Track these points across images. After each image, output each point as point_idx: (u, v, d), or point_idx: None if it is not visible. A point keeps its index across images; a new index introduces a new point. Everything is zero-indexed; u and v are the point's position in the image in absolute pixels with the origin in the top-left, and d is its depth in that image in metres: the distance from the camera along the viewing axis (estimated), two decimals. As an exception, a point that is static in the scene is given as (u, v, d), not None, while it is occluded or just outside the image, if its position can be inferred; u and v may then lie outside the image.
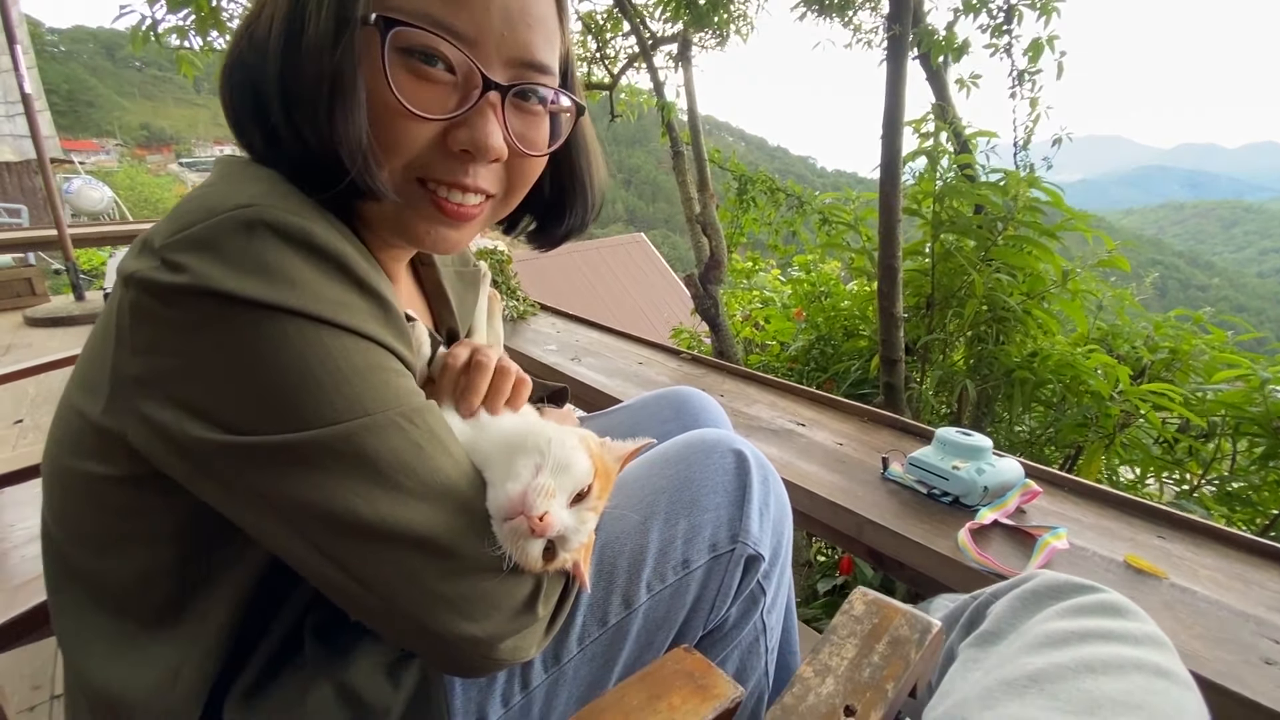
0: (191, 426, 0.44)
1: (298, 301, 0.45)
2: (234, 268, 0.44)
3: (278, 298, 0.44)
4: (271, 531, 0.47)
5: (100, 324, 0.51)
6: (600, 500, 0.51)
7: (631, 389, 1.67)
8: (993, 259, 2.36)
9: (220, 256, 0.44)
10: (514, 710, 0.62)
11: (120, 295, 0.47)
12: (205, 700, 0.53)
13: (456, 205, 0.57)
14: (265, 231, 0.45)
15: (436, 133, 0.54)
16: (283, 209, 0.46)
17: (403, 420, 0.48)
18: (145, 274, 0.44)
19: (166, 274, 0.44)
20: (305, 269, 0.46)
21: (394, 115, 0.52)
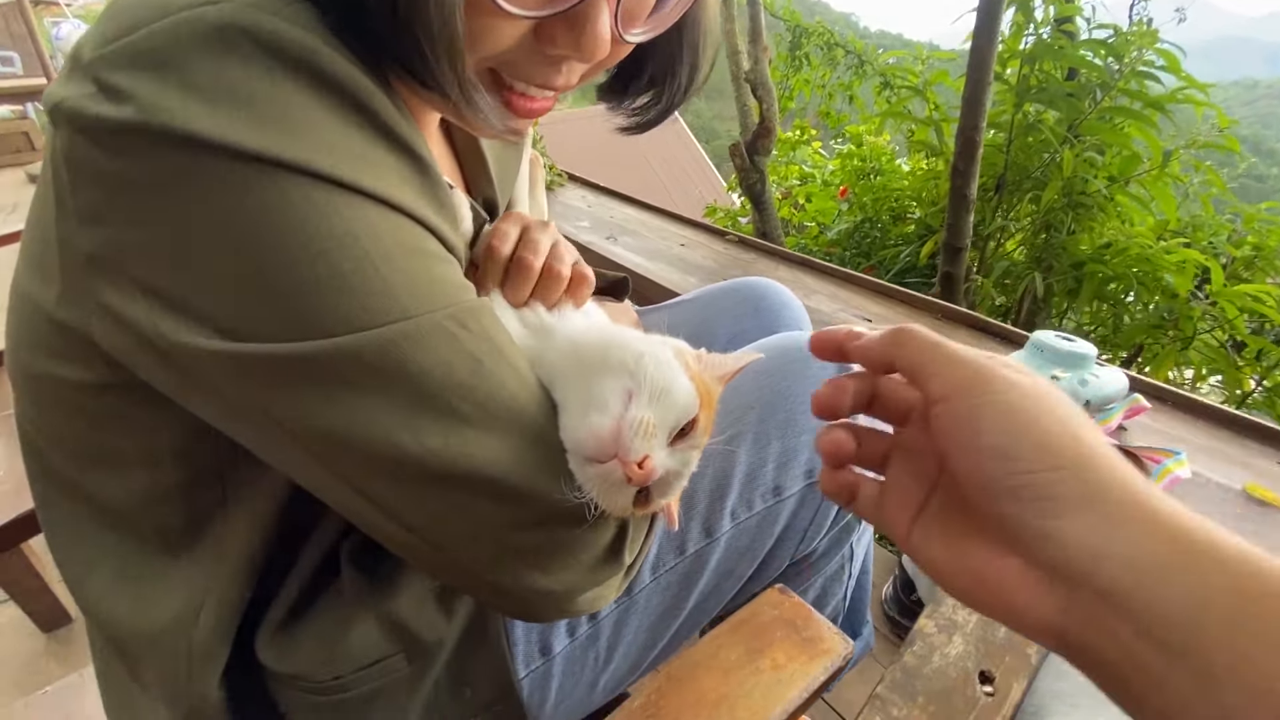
0: (168, 325, 0.32)
1: (300, 152, 0.31)
2: (201, 96, 0.30)
3: (270, 145, 0.30)
4: (292, 462, 0.37)
5: (40, 179, 0.37)
6: (705, 437, 0.40)
7: (674, 275, 1.52)
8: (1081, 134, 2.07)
9: (180, 78, 0.30)
10: (580, 640, 0.56)
11: (52, 138, 0.33)
12: (234, 637, 0.46)
13: (529, 102, 0.42)
14: (246, 43, 0.30)
15: (528, 28, 0.38)
16: (274, 12, 0.31)
17: (452, 324, 0.36)
18: (76, 105, 0.30)
19: (104, 104, 0.30)
20: (309, 105, 0.32)
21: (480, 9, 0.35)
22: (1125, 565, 0.24)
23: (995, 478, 0.27)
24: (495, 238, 0.49)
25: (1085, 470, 0.26)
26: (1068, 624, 0.26)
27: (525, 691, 0.53)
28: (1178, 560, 0.24)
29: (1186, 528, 0.25)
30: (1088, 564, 0.25)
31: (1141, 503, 0.25)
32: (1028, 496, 0.26)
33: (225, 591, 0.45)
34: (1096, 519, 0.25)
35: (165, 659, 0.45)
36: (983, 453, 0.27)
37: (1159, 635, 0.23)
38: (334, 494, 0.37)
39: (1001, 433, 0.27)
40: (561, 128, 8.96)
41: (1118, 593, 0.24)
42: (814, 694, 0.43)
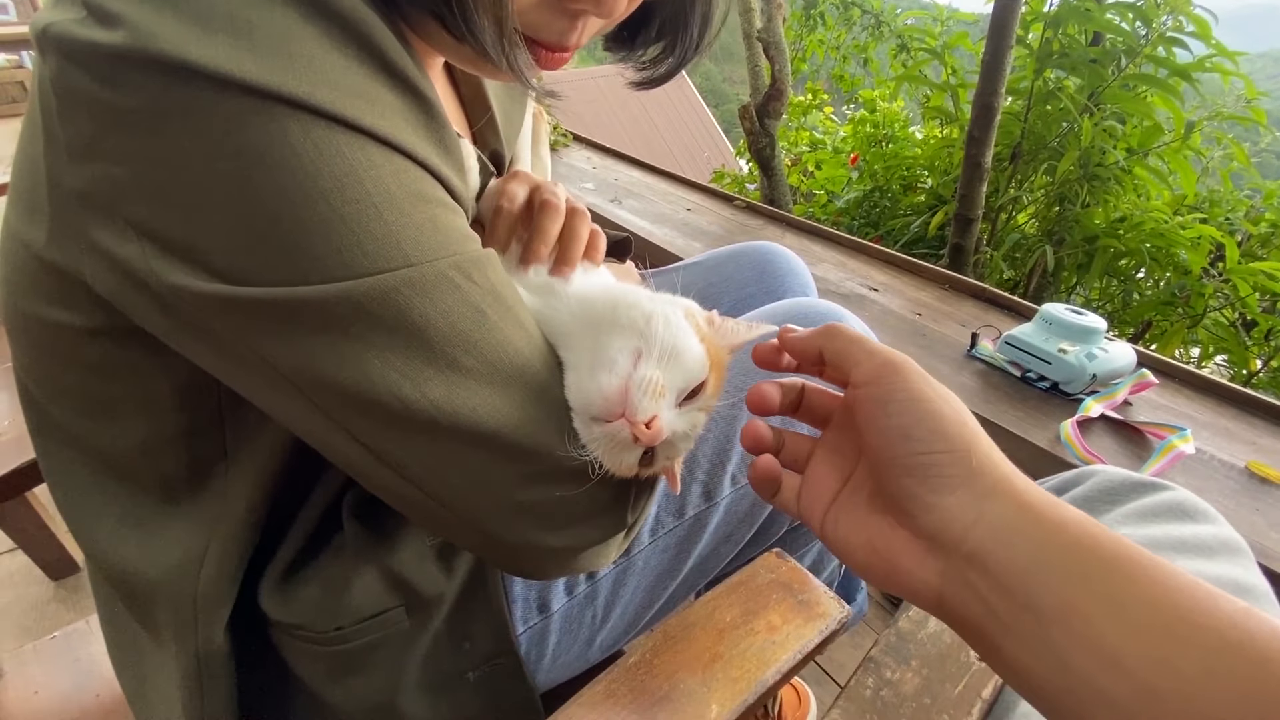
0: (163, 267, 0.32)
1: (300, 86, 0.29)
2: (198, 22, 0.28)
3: (269, 77, 0.29)
4: (291, 412, 0.37)
5: (28, 112, 0.36)
6: (714, 400, 0.39)
7: (680, 240, 1.50)
8: (1102, 103, 2.01)
9: (175, 2, 0.28)
10: (578, 599, 0.56)
11: (39, 68, 0.32)
12: (238, 586, 0.46)
13: (551, 53, 0.42)
14: None
15: None
16: None
17: (457, 274, 0.35)
18: (64, 30, 0.29)
19: (94, 29, 0.28)
20: (310, 37, 0.30)
21: None
22: (988, 532, 0.29)
23: (898, 455, 0.31)
24: (503, 198, 0.48)
25: (969, 454, 0.30)
26: (944, 585, 0.30)
27: (523, 647, 0.54)
28: (1029, 527, 0.28)
29: (1038, 501, 0.29)
30: (961, 532, 0.29)
31: (1007, 481, 0.30)
32: (921, 474, 0.30)
33: (228, 541, 0.45)
34: (974, 495, 0.29)
35: (173, 602, 0.46)
36: (890, 432, 0.31)
37: (1009, 588, 0.28)
38: (334, 445, 0.37)
39: (906, 415, 0.31)
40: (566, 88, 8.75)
41: (981, 555, 0.29)
42: (807, 656, 0.44)
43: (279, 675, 0.52)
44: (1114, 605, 0.26)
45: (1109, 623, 0.26)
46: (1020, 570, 0.28)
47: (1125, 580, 0.26)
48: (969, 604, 0.29)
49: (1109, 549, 0.27)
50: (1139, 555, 0.27)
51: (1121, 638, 0.25)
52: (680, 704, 0.39)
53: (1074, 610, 0.26)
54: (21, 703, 0.66)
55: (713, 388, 0.39)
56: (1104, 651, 0.25)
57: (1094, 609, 0.26)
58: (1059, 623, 0.26)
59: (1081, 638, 0.26)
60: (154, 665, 0.50)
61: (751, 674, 0.40)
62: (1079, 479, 0.56)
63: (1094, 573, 0.27)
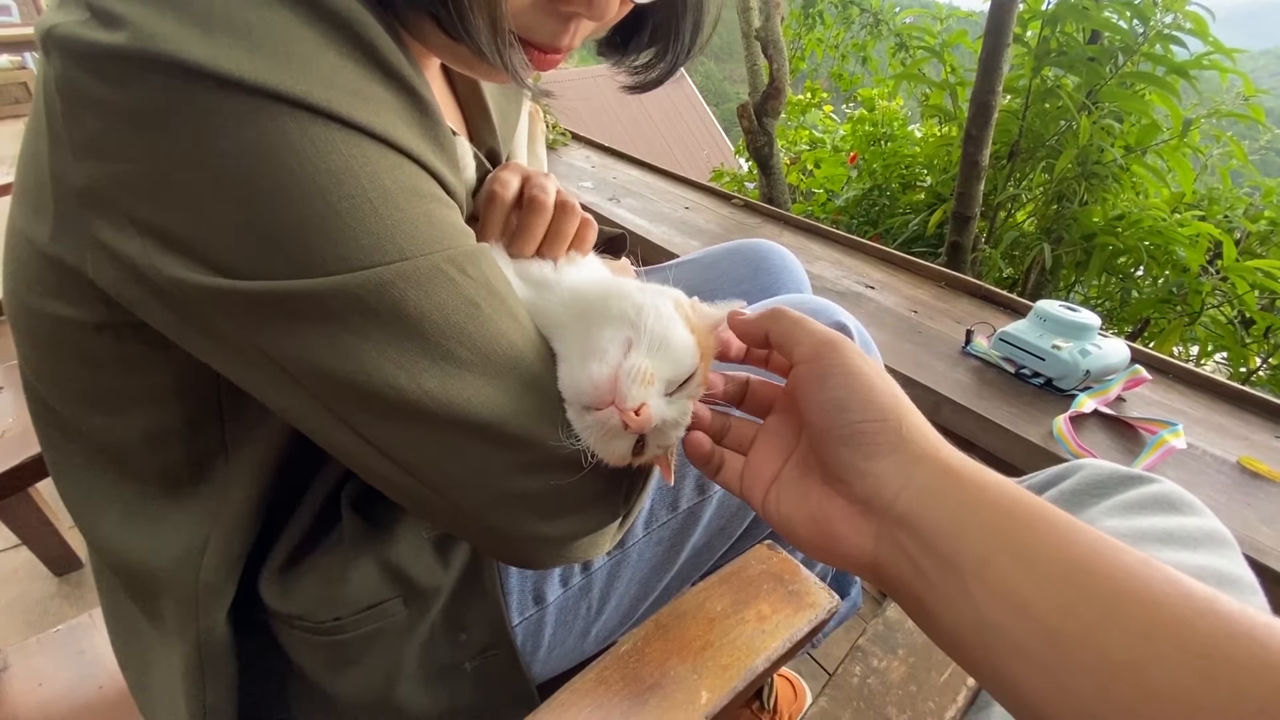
0: (164, 262, 0.32)
1: (297, 85, 0.30)
2: (197, 23, 0.29)
3: (267, 76, 0.30)
4: (291, 404, 0.37)
5: (32, 112, 0.37)
6: (703, 388, 0.40)
7: (678, 238, 1.51)
8: (1100, 101, 2.02)
9: (176, 4, 0.29)
10: (573, 590, 0.57)
11: (43, 69, 0.33)
12: (239, 576, 0.47)
13: (544, 55, 0.43)
14: None
15: None
16: None
17: (451, 268, 0.36)
18: (68, 31, 0.30)
19: (97, 30, 0.29)
20: (306, 36, 0.31)
21: None
22: (915, 495, 0.31)
23: (833, 425, 0.33)
24: (497, 184, 0.48)
25: (898, 423, 0.32)
26: (878, 549, 0.32)
27: (519, 638, 0.55)
28: (952, 489, 0.30)
29: (961, 466, 0.31)
30: (891, 496, 0.31)
31: (934, 449, 0.32)
32: (855, 442, 0.32)
33: (229, 531, 0.46)
34: (904, 461, 0.31)
35: (175, 591, 0.47)
36: (825, 404, 0.33)
37: (934, 547, 0.29)
38: (332, 437, 0.38)
39: (841, 389, 0.33)
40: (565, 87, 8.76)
41: (910, 517, 0.30)
42: (797, 645, 0.45)
43: (280, 665, 0.52)
44: (1025, 558, 0.28)
45: (1020, 574, 0.27)
46: (944, 530, 0.29)
47: (1037, 536, 0.28)
48: (900, 565, 0.31)
49: (1024, 508, 0.29)
50: (1052, 514, 0.29)
51: (1030, 587, 0.27)
52: (671, 691, 0.39)
53: (989, 564, 0.28)
54: (26, 695, 0.67)
55: (702, 376, 0.40)
56: (1015, 601, 0.27)
57: (1007, 563, 0.28)
58: (976, 576, 0.28)
59: (996, 589, 0.28)
60: (157, 656, 0.51)
61: (741, 662, 0.41)
62: (1067, 473, 0.57)
63: (1009, 529, 0.28)
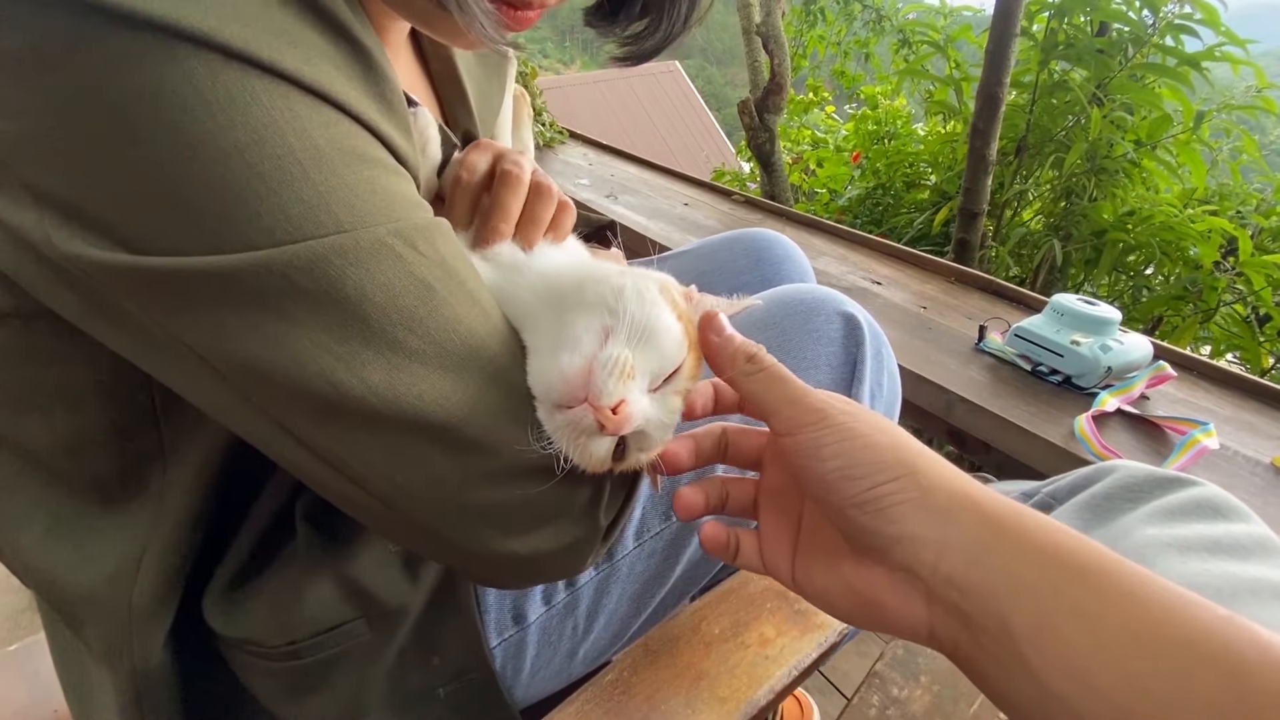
0: (61, 235, 0.28)
1: (207, 21, 0.26)
2: None
3: (167, 9, 0.25)
4: (218, 402, 0.33)
5: None
6: (692, 381, 0.35)
7: (677, 234, 1.46)
8: (1110, 95, 1.96)
9: None
10: (557, 609, 0.52)
11: None
12: (179, 596, 0.42)
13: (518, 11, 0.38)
14: None
15: None
16: None
17: (399, 242, 0.31)
18: None
19: None
20: None
21: None
22: (958, 553, 0.27)
23: (845, 497, 0.29)
24: (463, 168, 0.43)
25: (914, 475, 0.29)
26: (933, 618, 0.28)
27: (498, 661, 0.50)
28: (993, 541, 0.27)
29: (1001, 512, 0.27)
30: (932, 559, 0.27)
31: (962, 493, 0.28)
32: (873, 508, 0.29)
33: (166, 547, 0.41)
34: (930, 516, 0.28)
35: (104, 618, 0.42)
36: (829, 476, 0.30)
37: (985, 610, 0.26)
38: (269, 441, 0.33)
39: (841, 456, 0.30)
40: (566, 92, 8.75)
41: (956, 578, 0.27)
42: (804, 671, 0.40)
43: (231, 694, 0.48)
44: (1084, 619, 0.24)
45: (1080, 638, 0.24)
46: (992, 590, 0.26)
47: (1096, 592, 0.25)
48: (955, 632, 0.27)
49: (1078, 558, 0.26)
50: (1109, 562, 0.25)
51: (1092, 655, 0.24)
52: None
53: (1046, 627, 0.25)
54: (-28, 720, 0.62)
55: (691, 369, 0.35)
56: (1076, 670, 0.24)
57: (1065, 624, 0.25)
58: (1032, 641, 0.25)
59: (1055, 656, 0.24)
60: (95, 682, 0.47)
61: (741, 693, 0.36)
62: (1097, 475, 0.52)
63: (1063, 585, 0.25)
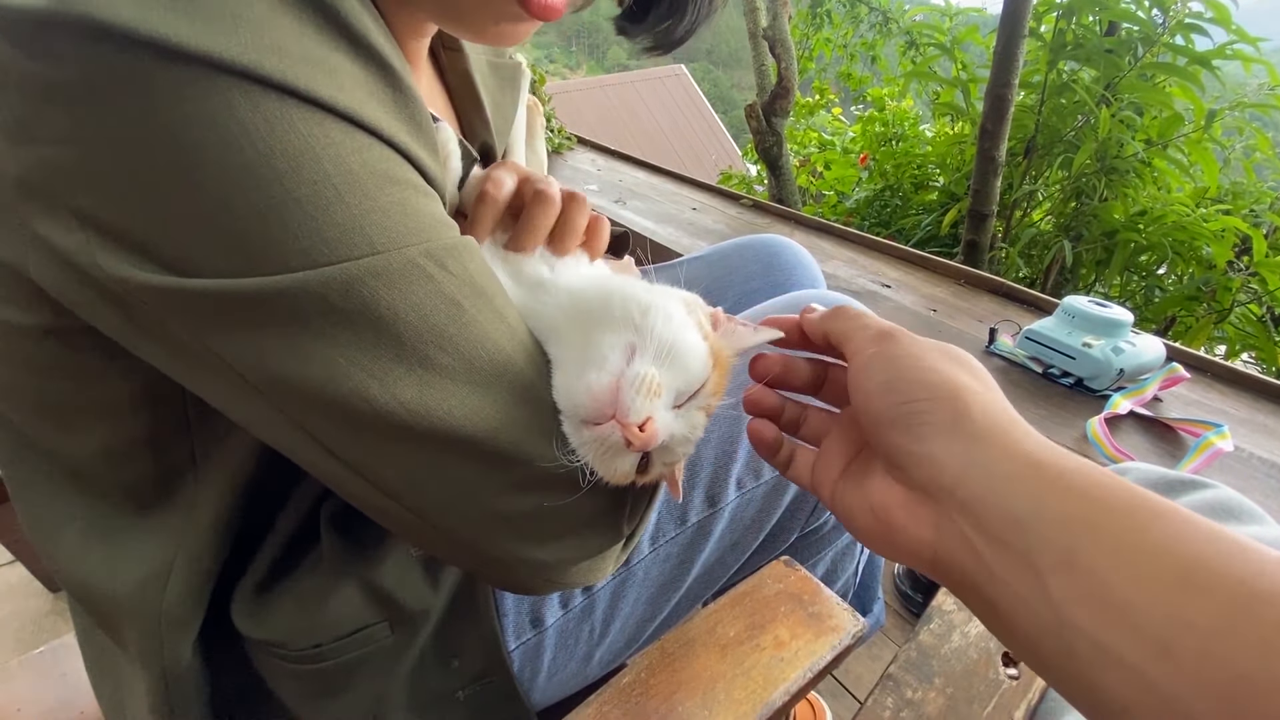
0: (107, 258, 0.29)
1: (245, 53, 0.27)
2: None
3: (209, 42, 0.26)
4: (255, 416, 0.34)
5: None
6: (715, 398, 0.36)
7: (685, 239, 1.47)
8: (1120, 94, 1.96)
9: None
10: (574, 613, 0.53)
11: None
12: (208, 600, 0.43)
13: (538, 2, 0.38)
14: None
15: None
16: None
17: (429, 262, 0.32)
18: None
19: None
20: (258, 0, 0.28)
21: None
22: (980, 479, 0.27)
23: (881, 409, 0.30)
24: (488, 183, 0.44)
25: (953, 400, 0.29)
26: (938, 540, 0.28)
27: (516, 664, 0.51)
28: (1024, 472, 0.26)
29: (1037, 448, 0.27)
30: (951, 481, 0.27)
31: (1000, 427, 0.28)
32: (904, 424, 0.29)
33: (196, 553, 0.42)
34: (961, 441, 0.28)
35: (137, 621, 0.43)
36: (873, 390, 0.30)
37: (1004, 539, 0.25)
38: (303, 453, 0.34)
39: (888, 371, 0.30)
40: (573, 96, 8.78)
41: (973, 502, 0.27)
42: (819, 674, 0.40)
43: (258, 695, 0.49)
44: (1122, 554, 0.23)
45: (1115, 573, 0.23)
46: (1016, 519, 0.25)
47: (1136, 527, 0.23)
48: (962, 559, 0.27)
49: (1119, 496, 0.24)
50: (1154, 502, 0.24)
51: (1130, 589, 0.22)
52: (679, 729, 0.35)
53: (1076, 561, 0.23)
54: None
55: (714, 386, 0.36)
56: (1109, 605, 0.22)
57: (1099, 559, 0.23)
58: (1059, 574, 0.24)
59: (1084, 590, 0.23)
60: (129, 684, 0.48)
61: (757, 695, 0.37)
62: None
63: (1100, 520, 0.24)
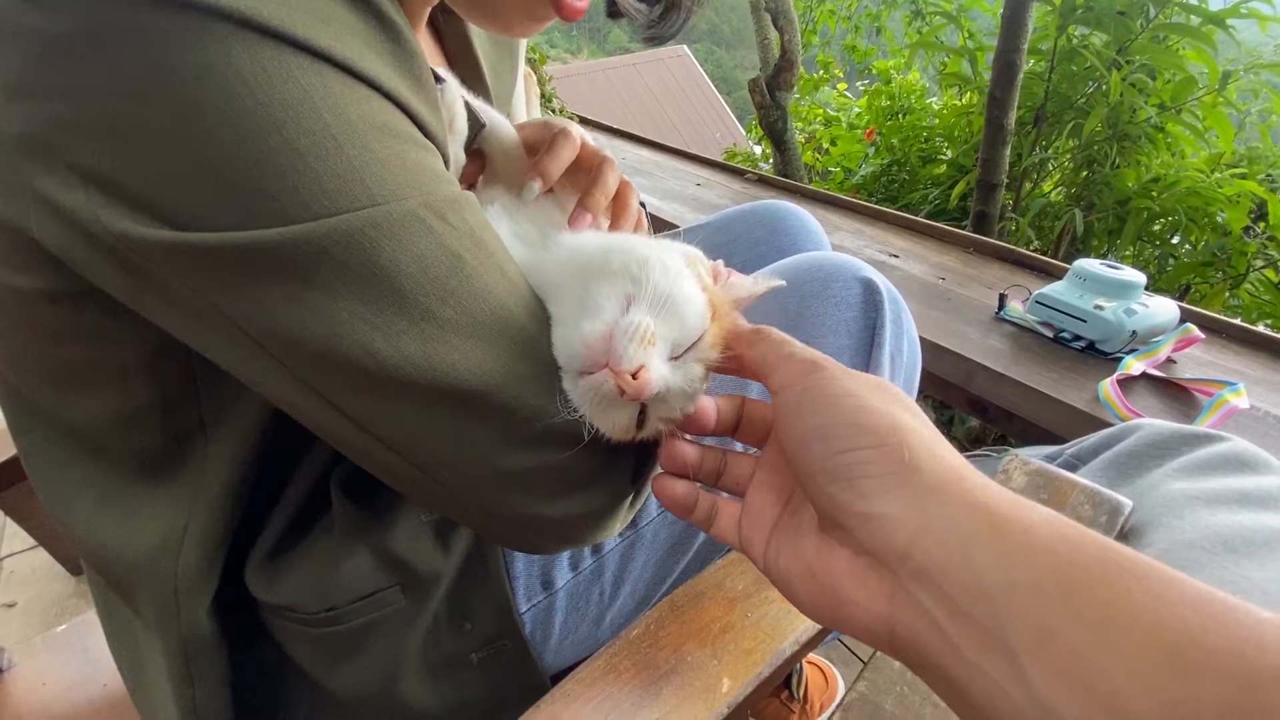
0: (109, 214, 0.29)
1: (247, 4, 0.27)
2: None
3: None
4: (260, 374, 0.34)
5: None
6: (715, 350, 0.36)
7: (689, 214, 1.46)
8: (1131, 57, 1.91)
9: None
10: (584, 575, 0.53)
11: None
12: (221, 566, 0.44)
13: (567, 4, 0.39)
14: None
15: None
16: None
17: (429, 214, 0.32)
18: None
19: None
20: None
21: None
22: (938, 541, 0.23)
23: (817, 459, 0.26)
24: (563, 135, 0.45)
25: (899, 449, 0.25)
26: (895, 613, 0.24)
27: (528, 627, 0.51)
28: (985, 533, 0.23)
29: (997, 500, 0.24)
30: (905, 544, 0.24)
31: (953, 474, 0.25)
32: (845, 476, 0.26)
33: (208, 519, 0.43)
34: (911, 497, 0.24)
35: (153, 588, 0.44)
36: (807, 435, 0.27)
37: (969, 613, 0.22)
38: (309, 412, 0.34)
39: (823, 414, 0.27)
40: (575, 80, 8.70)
41: (933, 569, 0.23)
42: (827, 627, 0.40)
43: (275, 660, 0.49)
44: (1105, 628, 0.20)
45: (1101, 653, 0.20)
46: (982, 589, 0.22)
47: (1116, 594, 0.20)
48: (925, 635, 0.23)
49: (1092, 555, 0.21)
50: (1132, 561, 0.21)
51: (1118, 671, 0.19)
52: (689, 678, 0.35)
53: (1053, 639, 0.21)
54: (29, 695, 0.65)
55: (713, 338, 0.35)
56: (1097, 691, 0.20)
57: (1078, 635, 0.20)
58: (1036, 655, 0.21)
59: (1067, 673, 0.20)
60: (147, 652, 0.49)
61: (766, 645, 0.37)
62: (1122, 434, 0.52)
63: (1076, 587, 0.21)
